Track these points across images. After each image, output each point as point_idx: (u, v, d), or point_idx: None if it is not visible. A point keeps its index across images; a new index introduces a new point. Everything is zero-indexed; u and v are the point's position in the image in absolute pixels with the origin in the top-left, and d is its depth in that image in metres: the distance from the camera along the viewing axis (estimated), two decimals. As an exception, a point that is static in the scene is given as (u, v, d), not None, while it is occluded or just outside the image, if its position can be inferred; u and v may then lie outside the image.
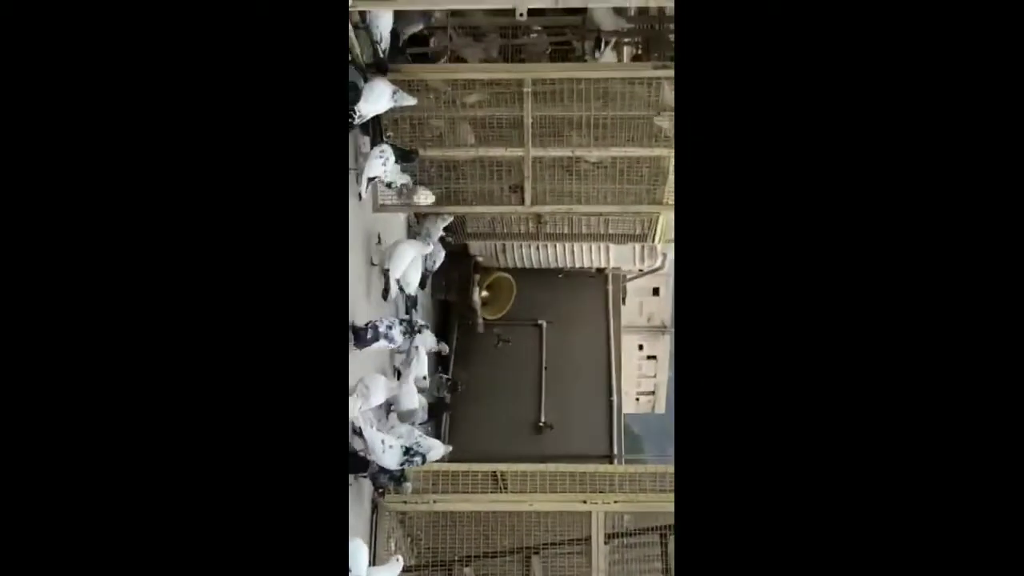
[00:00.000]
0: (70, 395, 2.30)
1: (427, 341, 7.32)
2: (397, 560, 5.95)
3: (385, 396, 6.60)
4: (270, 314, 2.44)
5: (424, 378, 7.17)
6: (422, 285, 7.58)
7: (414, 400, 6.83)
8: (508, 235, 9.49)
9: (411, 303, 7.31)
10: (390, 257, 6.95)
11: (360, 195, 6.60)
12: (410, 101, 6.41)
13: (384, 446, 6.12)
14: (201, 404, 2.39)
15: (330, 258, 2.48)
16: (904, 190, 2.46)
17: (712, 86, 2.50)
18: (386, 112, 6.51)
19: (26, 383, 2.27)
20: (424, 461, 6.48)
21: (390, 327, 6.58)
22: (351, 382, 6.26)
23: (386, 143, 6.67)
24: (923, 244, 2.44)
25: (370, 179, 6.48)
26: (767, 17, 2.50)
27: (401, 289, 7.13)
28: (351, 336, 6.39)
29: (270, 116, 2.48)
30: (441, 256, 8.06)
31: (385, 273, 6.93)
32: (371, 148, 6.59)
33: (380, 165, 6.44)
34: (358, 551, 5.36)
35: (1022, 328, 2.40)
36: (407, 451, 6.23)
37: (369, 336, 6.43)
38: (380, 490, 6.65)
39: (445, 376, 8.36)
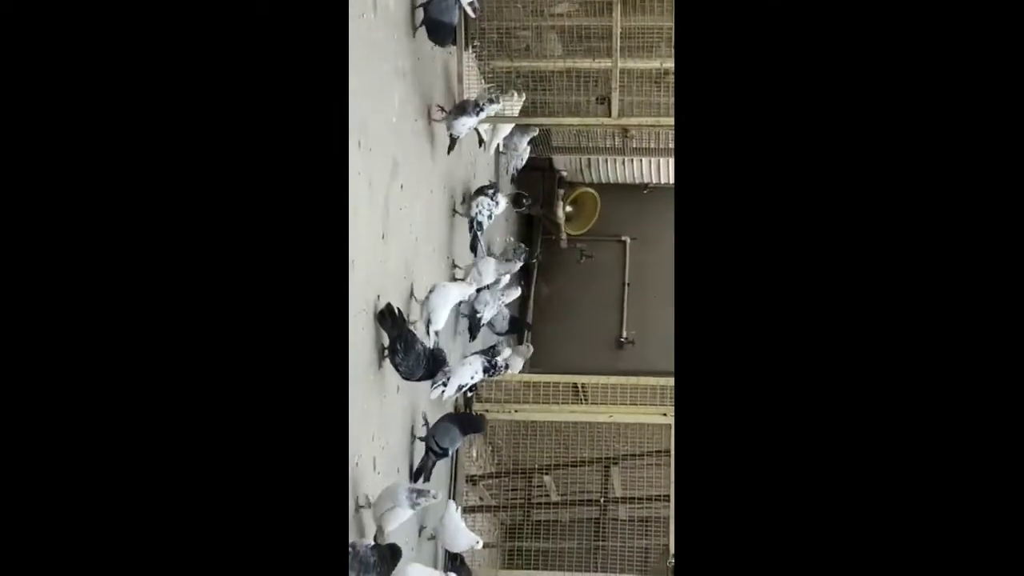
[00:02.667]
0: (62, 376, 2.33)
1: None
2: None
3: (495, 276, 6.88)
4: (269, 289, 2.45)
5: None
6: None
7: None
8: (594, 149, 9.42)
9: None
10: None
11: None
12: None
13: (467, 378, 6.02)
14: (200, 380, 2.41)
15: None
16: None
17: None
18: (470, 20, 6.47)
19: (23, 382, 2.30)
20: (507, 368, 6.60)
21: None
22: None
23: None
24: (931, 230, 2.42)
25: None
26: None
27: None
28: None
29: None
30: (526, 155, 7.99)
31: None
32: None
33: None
34: None
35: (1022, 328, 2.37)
36: (490, 367, 6.22)
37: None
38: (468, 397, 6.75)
39: (521, 244, 7.94)
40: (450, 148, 6.55)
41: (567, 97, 7.69)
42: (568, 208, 9.91)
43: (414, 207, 5.89)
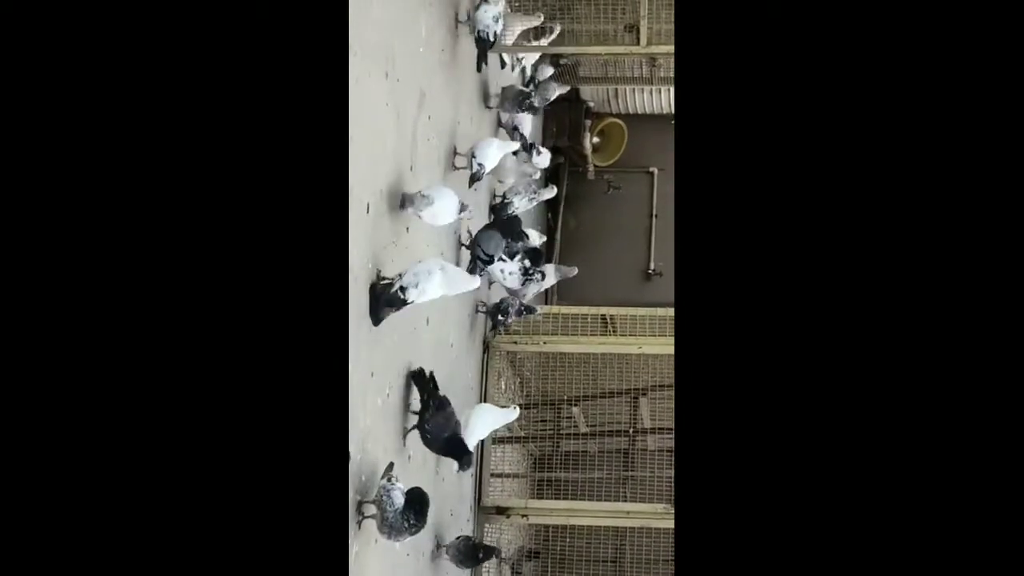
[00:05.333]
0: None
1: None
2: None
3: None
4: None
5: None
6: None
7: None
8: (621, 79, 9.32)
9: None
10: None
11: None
12: None
13: (504, 274, 6.27)
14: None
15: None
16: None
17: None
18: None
19: (23, 382, 2.28)
20: (543, 277, 6.61)
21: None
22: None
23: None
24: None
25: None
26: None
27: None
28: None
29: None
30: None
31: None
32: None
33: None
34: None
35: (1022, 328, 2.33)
36: (526, 271, 6.39)
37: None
38: (497, 328, 6.76)
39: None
40: (479, 59, 6.34)
41: (594, 25, 7.59)
42: (595, 139, 9.84)
43: (442, 138, 5.85)
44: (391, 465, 4.52)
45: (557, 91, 7.48)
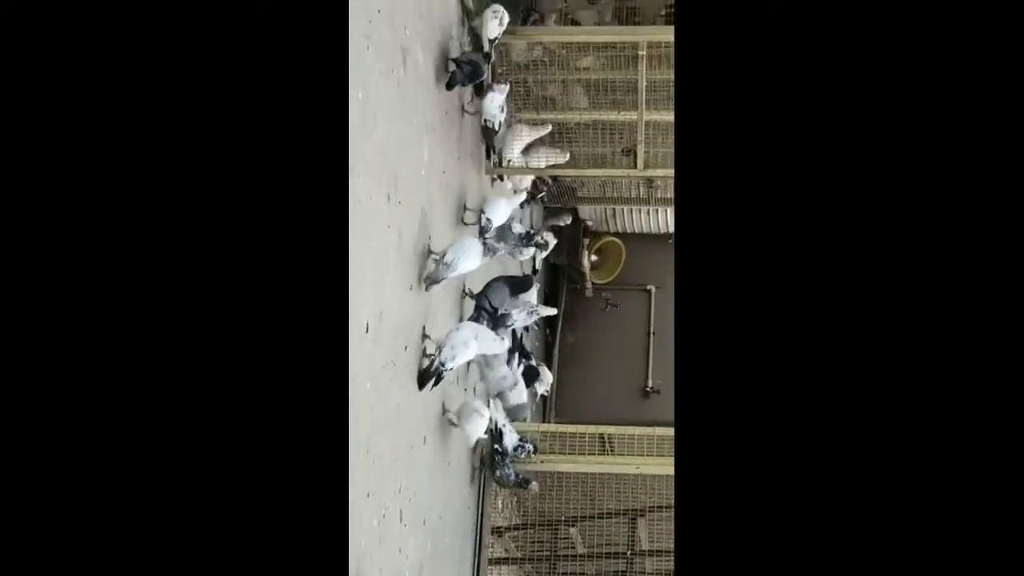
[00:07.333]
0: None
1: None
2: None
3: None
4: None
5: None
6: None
7: (523, 396, 6.92)
8: (619, 199, 9.50)
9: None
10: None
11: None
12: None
13: (506, 429, 6.31)
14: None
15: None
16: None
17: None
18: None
19: (23, 383, 2.30)
20: (535, 451, 6.63)
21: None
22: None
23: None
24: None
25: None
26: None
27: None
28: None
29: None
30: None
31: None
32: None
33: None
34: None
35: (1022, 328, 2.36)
36: (522, 439, 6.46)
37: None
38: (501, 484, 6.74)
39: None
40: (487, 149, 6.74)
41: (592, 149, 7.76)
42: (593, 257, 9.96)
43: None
44: None
45: (555, 241, 7.64)
